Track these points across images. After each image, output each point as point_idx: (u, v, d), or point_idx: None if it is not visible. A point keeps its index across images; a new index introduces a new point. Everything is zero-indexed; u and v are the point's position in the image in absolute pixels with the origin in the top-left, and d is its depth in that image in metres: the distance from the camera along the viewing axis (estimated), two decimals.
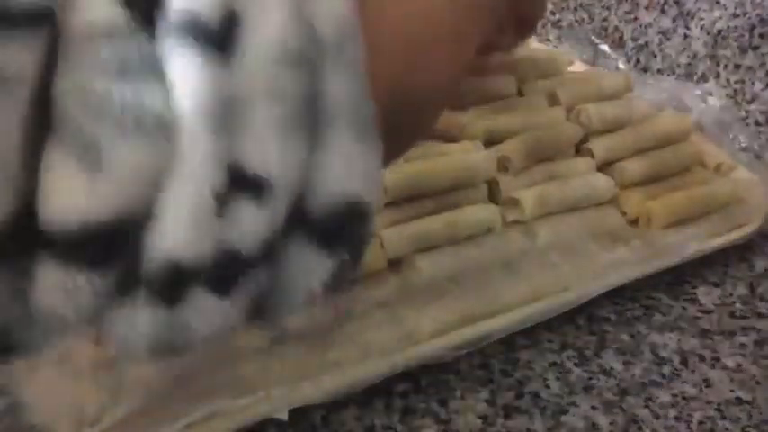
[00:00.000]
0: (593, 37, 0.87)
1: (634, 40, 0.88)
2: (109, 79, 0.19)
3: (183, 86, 0.20)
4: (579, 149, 0.65)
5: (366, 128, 0.22)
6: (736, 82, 0.77)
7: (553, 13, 1.00)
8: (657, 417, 0.47)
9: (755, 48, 0.74)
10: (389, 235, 0.53)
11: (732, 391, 0.49)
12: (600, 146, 0.63)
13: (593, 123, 0.65)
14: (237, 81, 0.21)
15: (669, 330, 0.54)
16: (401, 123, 0.28)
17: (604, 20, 0.92)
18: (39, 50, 0.18)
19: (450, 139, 0.61)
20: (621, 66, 0.82)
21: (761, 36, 0.74)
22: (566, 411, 0.47)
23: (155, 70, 0.20)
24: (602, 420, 0.46)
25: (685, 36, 0.82)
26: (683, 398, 0.48)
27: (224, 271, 0.22)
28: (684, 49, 0.82)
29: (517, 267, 0.54)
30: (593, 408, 0.47)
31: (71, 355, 0.45)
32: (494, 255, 0.55)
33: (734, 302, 0.57)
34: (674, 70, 0.84)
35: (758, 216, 0.62)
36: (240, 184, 0.21)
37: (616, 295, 0.56)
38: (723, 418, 0.47)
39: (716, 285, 0.59)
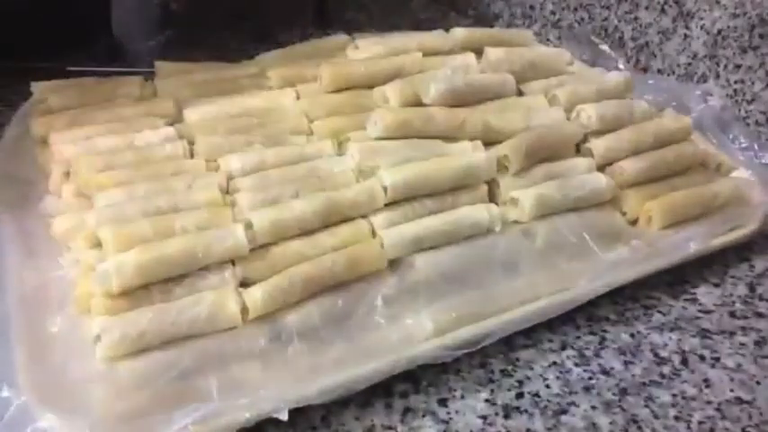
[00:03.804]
0: (593, 37, 0.87)
1: (634, 40, 0.88)
2: None
3: None
4: (579, 149, 0.65)
5: None
6: (736, 82, 0.77)
7: (553, 13, 1.00)
8: (657, 417, 0.47)
9: (755, 48, 0.74)
10: (389, 235, 0.53)
11: (732, 390, 0.49)
12: (600, 146, 0.64)
13: (593, 123, 0.65)
14: None
15: (669, 330, 0.54)
16: None
17: (604, 20, 0.92)
18: None
19: (451, 139, 0.61)
20: (621, 66, 0.82)
21: (761, 36, 0.74)
22: (566, 411, 0.47)
23: None
24: (602, 420, 0.46)
25: (685, 36, 0.82)
26: (683, 398, 0.48)
27: None
28: (684, 49, 0.82)
29: (517, 267, 0.54)
30: (593, 408, 0.47)
31: (71, 355, 0.45)
32: (494, 255, 0.55)
33: (734, 302, 0.57)
34: (673, 70, 0.84)
35: (758, 216, 0.62)
36: None
37: (616, 295, 0.56)
38: (723, 418, 0.47)
39: (716, 285, 0.59)
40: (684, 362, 0.51)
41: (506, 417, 0.46)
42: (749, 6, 0.74)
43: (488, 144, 0.61)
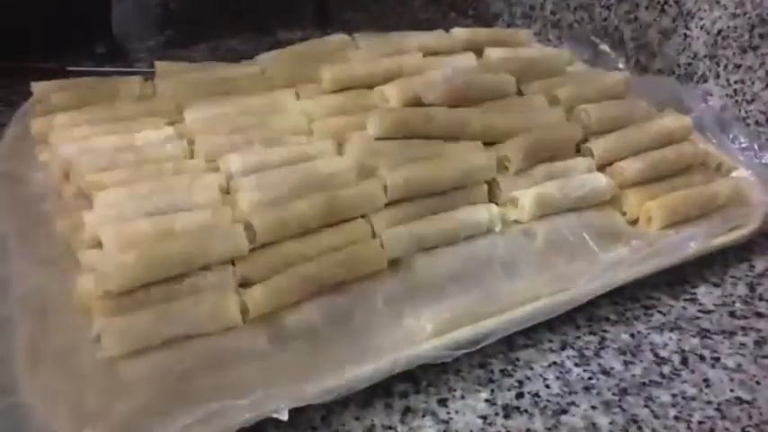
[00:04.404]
0: (593, 37, 0.87)
1: (634, 40, 0.88)
2: None
3: None
4: (579, 149, 0.65)
5: None
6: (736, 82, 0.77)
7: (553, 13, 1.00)
8: (657, 417, 0.47)
9: (755, 48, 0.74)
10: (389, 235, 0.53)
11: (732, 391, 0.49)
12: (600, 146, 0.63)
13: (593, 123, 0.65)
14: None
15: (669, 330, 0.54)
16: None
17: (604, 20, 0.92)
18: None
19: (451, 139, 0.61)
20: (621, 66, 0.82)
21: (761, 36, 0.74)
22: (566, 411, 0.47)
23: None
24: (602, 420, 0.46)
25: (685, 36, 0.82)
26: (683, 398, 0.48)
27: None
28: (684, 49, 0.82)
29: (517, 267, 0.54)
30: (593, 408, 0.47)
31: (71, 354, 0.45)
32: (494, 255, 0.55)
33: (734, 302, 0.57)
34: (673, 70, 0.84)
35: (758, 216, 0.62)
36: None
37: (616, 295, 0.56)
38: (723, 418, 0.47)
39: (716, 285, 0.59)
40: (684, 362, 0.51)
41: (506, 417, 0.46)
42: (749, 6, 0.74)
43: (488, 144, 0.61)
